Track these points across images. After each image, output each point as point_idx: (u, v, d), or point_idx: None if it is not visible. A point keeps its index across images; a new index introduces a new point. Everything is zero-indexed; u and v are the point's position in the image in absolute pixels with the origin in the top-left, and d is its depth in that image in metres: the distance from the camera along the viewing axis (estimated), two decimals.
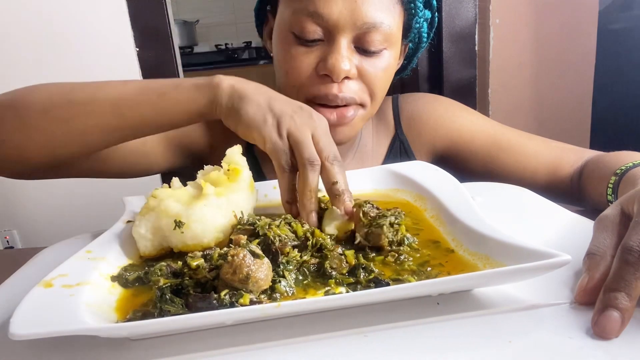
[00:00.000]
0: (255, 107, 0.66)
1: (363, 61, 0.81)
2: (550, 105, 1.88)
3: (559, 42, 1.81)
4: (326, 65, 0.78)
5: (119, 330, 0.41)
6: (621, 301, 0.39)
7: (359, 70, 0.81)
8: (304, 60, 0.80)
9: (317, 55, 0.80)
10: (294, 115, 0.65)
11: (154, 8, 1.64)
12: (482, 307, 0.44)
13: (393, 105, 1.03)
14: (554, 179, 0.90)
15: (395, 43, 0.83)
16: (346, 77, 0.80)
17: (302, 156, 0.62)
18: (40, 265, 0.64)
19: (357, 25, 0.77)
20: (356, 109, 0.83)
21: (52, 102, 0.71)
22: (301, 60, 0.80)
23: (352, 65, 0.79)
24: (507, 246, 0.47)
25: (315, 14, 0.77)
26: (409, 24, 0.86)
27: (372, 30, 0.78)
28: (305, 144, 0.62)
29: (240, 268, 0.45)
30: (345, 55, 0.78)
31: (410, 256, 0.53)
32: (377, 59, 0.81)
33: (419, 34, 0.89)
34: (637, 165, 0.68)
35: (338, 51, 0.78)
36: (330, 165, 0.63)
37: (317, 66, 0.80)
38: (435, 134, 0.99)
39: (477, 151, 0.96)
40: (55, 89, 0.72)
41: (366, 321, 0.43)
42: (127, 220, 0.65)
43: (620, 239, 0.44)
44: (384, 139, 1.02)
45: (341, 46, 0.78)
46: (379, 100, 0.86)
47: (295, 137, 0.63)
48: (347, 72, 0.78)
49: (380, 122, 1.03)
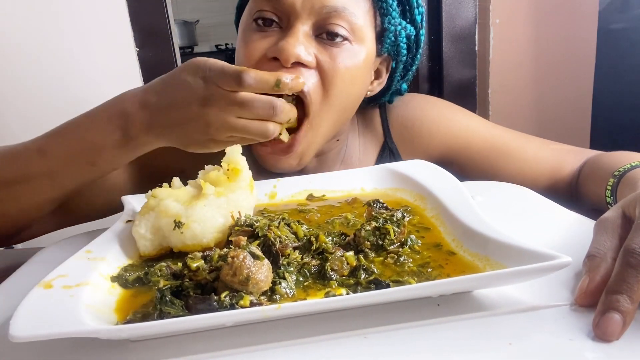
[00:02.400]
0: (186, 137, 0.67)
1: (322, 51, 0.74)
2: (550, 105, 1.88)
3: (559, 42, 1.81)
4: (276, 47, 0.72)
5: (119, 332, 0.41)
6: (623, 304, 0.39)
7: (317, 60, 0.74)
8: (257, 46, 0.75)
9: (271, 41, 0.74)
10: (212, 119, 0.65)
11: (154, 8, 1.64)
12: (482, 308, 0.44)
13: (380, 110, 0.96)
14: (555, 181, 0.89)
15: (362, 39, 0.77)
16: (299, 64, 0.72)
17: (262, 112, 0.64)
18: (40, 265, 0.64)
19: (316, 9, 0.72)
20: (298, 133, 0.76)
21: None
22: (254, 45, 0.75)
23: (308, 53, 0.72)
24: (507, 247, 0.47)
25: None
26: (382, 25, 0.80)
27: (334, 16, 0.73)
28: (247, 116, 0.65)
29: (241, 270, 0.45)
30: (299, 40, 0.72)
31: (410, 258, 0.53)
32: (339, 51, 0.74)
33: (396, 42, 0.82)
34: (635, 167, 0.68)
35: (291, 34, 0.72)
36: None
37: (268, 50, 0.74)
38: (429, 141, 0.93)
39: (475, 157, 0.92)
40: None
41: (366, 322, 0.43)
42: (126, 220, 0.65)
43: (620, 242, 0.44)
44: (371, 147, 0.96)
45: (297, 31, 0.72)
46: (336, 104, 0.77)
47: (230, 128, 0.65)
48: (298, 57, 0.71)
49: (367, 128, 0.96)
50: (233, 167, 0.64)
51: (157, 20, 1.64)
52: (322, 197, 0.77)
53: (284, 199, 0.77)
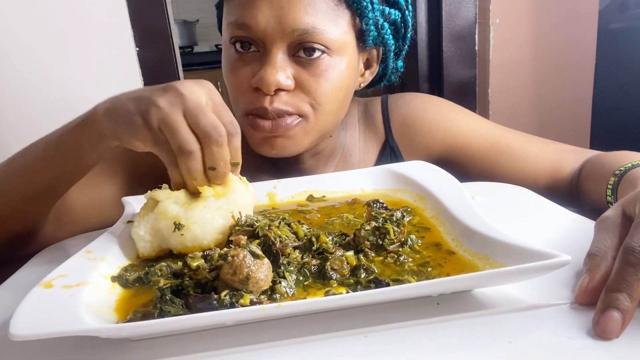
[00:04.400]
0: (124, 116, 0.60)
1: (300, 71, 0.76)
2: (550, 105, 1.88)
3: (559, 42, 1.81)
4: (256, 79, 0.74)
5: (119, 331, 0.41)
6: (622, 302, 0.39)
7: (297, 81, 0.76)
8: (241, 74, 0.77)
9: (253, 67, 0.76)
10: (158, 101, 0.57)
11: (154, 8, 1.64)
12: (482, 307, 0.44)
13: (382, 109, 0.97)
14: (555, 181, 0.89)
15: (341, 50, 0.77)
16: (280, 89, 0.75)
17: (175, 145, 0.56)
18: (40, 265, 0.64)
19: (287, 32, 0.73)
20: (293, 119, 0.77)
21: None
22: (238, 73, 0.77)
23: (287, 76, 0.74)
24: (507, 246, 0.47)
25: (244, 26, 0.74)
26: (362, 27, 0.80)
27: (306, 37, 0.73)
28: (174, 130, 0.56)
29: (241, 268, 0.45)
30: (277, 67, 0.73)
31: (410, 257, 0.53)
32: (316, 67, 0.75)
33: (380, 36, 0.82)
34: (635, 166, 0.68)
35: (269, 62, 0.74)
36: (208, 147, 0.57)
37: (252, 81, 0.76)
38: (430, 140, 0.94)
39: (475, 155, 0.93)
40: None
41: (366, 321, 0.43)
42: (126, 221, 0.65)
43: (621, 240, 0.44)
44: (372, 145, 0.96)
45: (273, 57, 0.74)
46: (327, 111, 0.79)
47: (165, 126, 0.56)
48: (278, 84, 0.73)
49: (368, 127, 0.97)
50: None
51: (157, 20, 1.64)
52: (322, 197, 0.77)
53: (284, 200, 0.77)
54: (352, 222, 0.65)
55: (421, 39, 1.85)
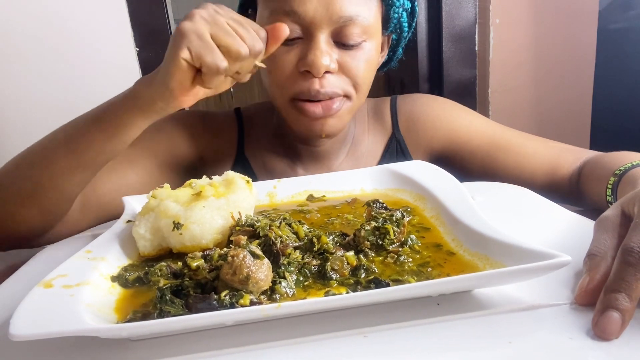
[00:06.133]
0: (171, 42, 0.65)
1: (343, 54, 0.82)
2: (550, 105, 1.88)
3: (559, 42, 1.81)
4: (306, 62, 0.79)
5: (119, 331, 0.41)
6: (621, 302, 0.39)
7: (340, 64, 0.82)
8: (285, 59, 0.81)
9: (297, 52, 0.81)
10: (201, 14, 0.63)
11: (154, 8, 1.64)
12: (482, 307, 0.44)
13: (391, 106, 1.03)
14: (553, 179, 0.90)
15: (374, 34, 0.84)
16: (327, 72, 0.81)
17: (230, 48, 0.62)
18: (40, 265, 0.64)
19: (334, 19, 0.78)
20: (341, 100, 0.84)
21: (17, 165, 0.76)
22: (282, 59, 0.81)
23: (332, 59, 0.80)
24: (507, 247, 0.47)
25: (292, 12, 0.78)
26: (388, 15, 0.87)
27: (349, 24, 0.79)
28: (228, 33, 0.62)
29: (240, 269, 0.45)
30: (324, 51, 0.79)
31: (410, 257, 0.53)
32: (357, 51, 0.82)
33: (399, 24, 0.90)
34: (635, 165, 0.68)
35: (317, 47, 0.79)
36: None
37: (298, 63, 0.81)
38: (433, 135, 0.99)
39: (475, 151, 0.96)
40: (16, 157, 0.77)
41: (366, 322, 0.43)
42: (127, 220, 0.65)
43: (620, 240, 0.44)
44: (380, 138, 1.02)
45: (319, 42, 0.79)
46: (364, 91, 0.87)
47: (216, 32, 0.62)
48: (327, 67, 0.79)
49: (377, 121, 1.03)
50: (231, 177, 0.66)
51: (157, 20, 1.64)
52: (322, 197, 0.77)
53: (284, 200, 0.77)
54: (352, 222, 0.66)
55: (421, 39, 1.85)
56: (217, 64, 0.61)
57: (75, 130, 0.73)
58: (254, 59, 0.65)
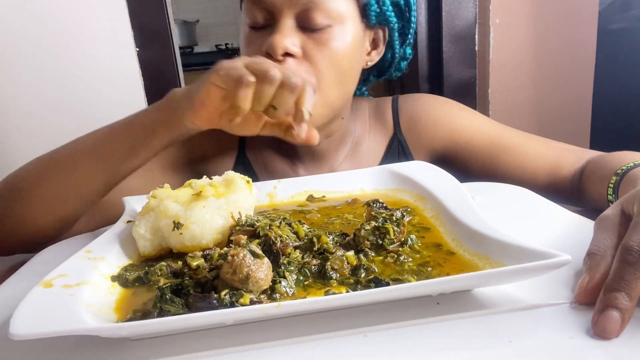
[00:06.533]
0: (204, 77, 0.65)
1: (307, 41, 0.80)
2: (550, 105, 1.88)
3: (559, 42, 1.81)
4: (266, 44, 0.79)
5: (119, 330, 0.41)
6: (621, 301, 0.39)
7: (304, 50, 0.80)
8: (254, 45, 0.82)
9: (264, 38, 0.81)
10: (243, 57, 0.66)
11: (154, 8, 1.64)
12: (482, 307, 0.44)
13: (392, 106, 1.03)
14: (554, 179, 0.89)
15: (344, 20, 0.82)
16: (288, 55, 0.79)
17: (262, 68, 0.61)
18: (40, 265, 0.64)
19: (294, 2, 0.78)
20: None
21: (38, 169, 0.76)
22: (252, 46, 0.83)
23: (294, 43, 0.79)
24: (507, 246, 0.47)
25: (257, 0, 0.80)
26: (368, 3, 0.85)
27: (312, 7, 0.79)
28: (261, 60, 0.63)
29: (240, 268, 0.45)
30: (284, 33, 0.78)
31: (410, 257, 0.53)
32: (322, 34, 0.80)
33: (382, 13, 0.87)
34: (637, 165, 0.68)
35: (277, 30, 0.79)
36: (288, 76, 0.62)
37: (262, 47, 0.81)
38: (435, 134, 0.99)
39: (477, 151, 0.96)
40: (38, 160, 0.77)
41: (366, 321, 0.43)
42: (127, 220, 0.65)
43: (620, 239, 0.44)
44: (381, 138, 1.02)
45: (281, 26, 0.79)
46: (332, 82, 0.83)
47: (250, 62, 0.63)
48: (285, 48, 0.78)
49: (378, 121, 1.03)
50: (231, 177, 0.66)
51: (157, 20, 1.63)
52: (322, 197, 0.77)
53: (284, 200, 0.77)
54: (352, 222, 0.66)
55: (421, 39, 1.85)
56: (241, 74, 0.61)
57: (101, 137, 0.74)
58: (291, 93, 0.63)
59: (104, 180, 0.75)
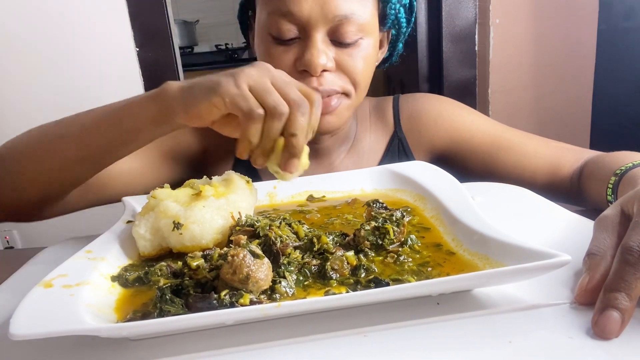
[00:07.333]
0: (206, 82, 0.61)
1: (340, 53, 0.82)
2: (550, 105, 1.88)
3: (559, 42, 1.81)
4: (303, 61, 0.80)
5: (119, 330, 0.41)
6: (621, 301, 0.39)
7: (337, 62, 0.82)
8: (283, 59, 0.82)
9: (294, 52, 0.82)
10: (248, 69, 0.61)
11: (154, 8, 1.64)
12: (482, 307, 0.44)
13: (394, 105, 1.03)
14: (554, 178, 0.90)
15: (371, 31, 0.84)
16: (324, 70, 0.81)
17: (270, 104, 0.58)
18: (40, 265, 0.64)
19: (329, 18, 0.79)
20: (340, 97, 0.85)
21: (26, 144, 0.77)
22: (280, 59, 0.82)
23: (329, 58, 0.81)
24: (507, 246, 0.47)
25: (288, 13, 0.79)
26: (384, 11, 0.88)
27: (345, 22, 0.80)
28: (268, 91, 0.58)
29: (240, 268, 0.45)
30: (320, 49, 0.79)
31: (410, 257, 0.53)
32: (354, 49, 0.83)
33: (397, 20, 0.90)
34: (636, 165, 0.68)
35: (313, 46, 0.79)
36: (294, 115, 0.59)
37: (296, 63, 0.82)
38: (435, 133, 0.99)
39: (477, 150, 0.96)
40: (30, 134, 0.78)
41: (366, 321, 0.43)
42: (127, 221, 0.65)
43: (620, 239, 0.44)
44: (382, 136, 1.02)
45: (316, 41, 0.79)
46: (363, 88, 0.87)
47: (258, 87, 0.59)
48: (324, 66, 0.80)
49: (379, 120, 1.03)
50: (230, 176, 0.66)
51: (157, 20, 1.64)
52: (322, 197, 0.77)
53: (284, 200, 0.77)
54: (352, 222, 0.66)
55: (421, 39, 1.85)
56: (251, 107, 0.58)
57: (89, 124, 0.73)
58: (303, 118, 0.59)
59: (89, 166, 0.75)
